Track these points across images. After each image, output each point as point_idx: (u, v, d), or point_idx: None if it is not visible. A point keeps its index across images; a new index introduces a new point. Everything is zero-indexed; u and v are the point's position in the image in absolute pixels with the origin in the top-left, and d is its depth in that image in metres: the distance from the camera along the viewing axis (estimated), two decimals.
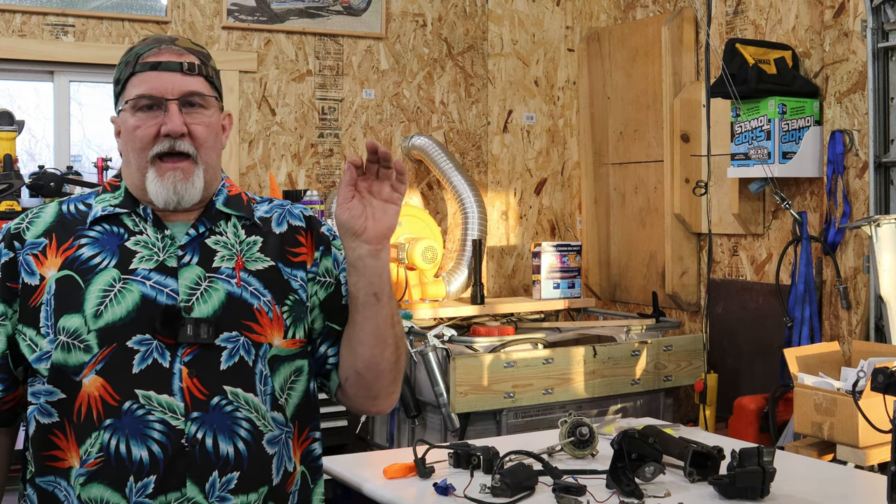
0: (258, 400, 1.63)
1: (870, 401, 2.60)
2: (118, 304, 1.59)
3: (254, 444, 1.62)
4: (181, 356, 1.59)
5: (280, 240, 1.73)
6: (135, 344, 1.58)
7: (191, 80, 1.65)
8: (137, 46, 1.69)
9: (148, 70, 1.64)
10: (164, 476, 1.55)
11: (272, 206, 1.78)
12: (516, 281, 5.43)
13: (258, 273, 1.68)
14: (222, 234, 1.69)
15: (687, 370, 4.37)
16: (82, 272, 1.61)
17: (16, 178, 3.93)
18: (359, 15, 5.04)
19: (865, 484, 2.36)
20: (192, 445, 1.57)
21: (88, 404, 1.57)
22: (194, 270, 1.64)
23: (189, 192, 1.65)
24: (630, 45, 5.14)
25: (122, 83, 1.67)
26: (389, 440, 4.19)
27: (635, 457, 2.13)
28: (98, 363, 1.57)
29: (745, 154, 4.17)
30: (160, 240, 1.65)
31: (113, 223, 1.67)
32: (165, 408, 1.57)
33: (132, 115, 1.64)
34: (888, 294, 3.62)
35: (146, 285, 1.61)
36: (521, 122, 5.44)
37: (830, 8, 4.03)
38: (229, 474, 1.59)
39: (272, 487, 1.64)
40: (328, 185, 4.98)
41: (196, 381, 1.59)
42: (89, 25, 4.49)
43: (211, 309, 1.62)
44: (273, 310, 1.66)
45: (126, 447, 1.55)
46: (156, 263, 1.63)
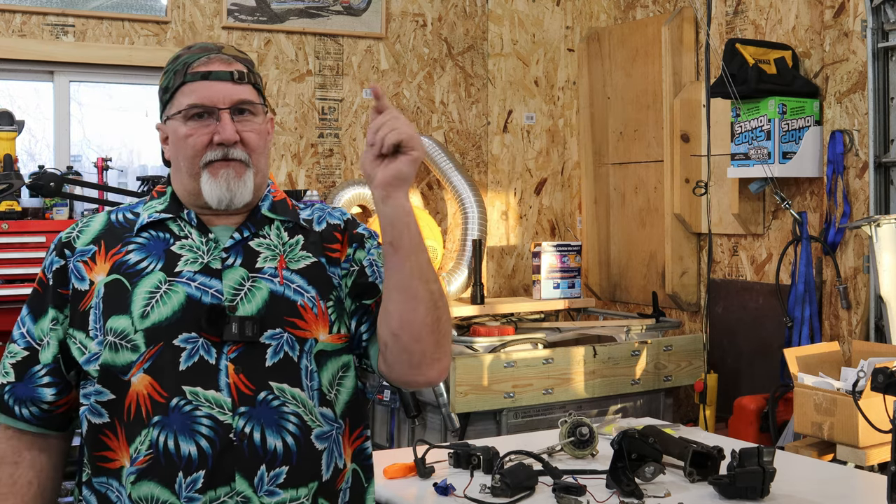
0: (305, 395, 1.65)
1: (870, 401, 2.60)
2: (164, 304, 1.62)
3: (302, 439, 1.63)
4: (227, 353, 1.62)
5: (320, 237, 1.76)
6: (181, 342, 1.61)
7: (240, 88, 1.69)
8: (185, 55, 1.72)
9: (199, 80, 1.67)
10: (212, 471, 1.57)
11: (313, 210, 1.82)
12: (516, 281, 5.43)
13: (301, 270, 1.71)
14: (266, 236, 1.73)
15: (687, 370, 4.37)
16: (129, 276, 1.65)
17: (16, 178, 3.93)
18: (359, 15, 5.04)
19: (865, 484, 2.36)
20: (240, 440, 1.59)
21: (137, 402, 1.60)
22: (238, 272, 1.67)
23: (241, 191, 1.68)
24: (630, 45, 5.14)
25: (170, 92, 1.70)
26: (389, 440, 4.19)
27: (635, 457, 2.13)
28: (145, 362, 1.60)
29: (745, 154, 4.17)
30: (204, 243, 1.69)
31: (159, 229, 1.71)
32: (213, 403, 1.59)
33: (183, 123, 1.67)
34: (888, 294, 3.62)
35: (191, 286, 1.64)
36: (521, 122, 5.44)
37: (830, 8, 4.03)
38: (278, 468, 1.61)
39: (322, 483, 1.65)
40: (328, 185, 4.98)
41: (242, 377, 1.61)
42: (89, 25, 4.49)
43: (255, 307, 1.64)
44: (318, 305, 1.69)
45: (175, 443, 1.57)
46: (200, 265, 1.66)
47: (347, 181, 4.95)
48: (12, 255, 3.90)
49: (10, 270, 3.88)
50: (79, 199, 3.87)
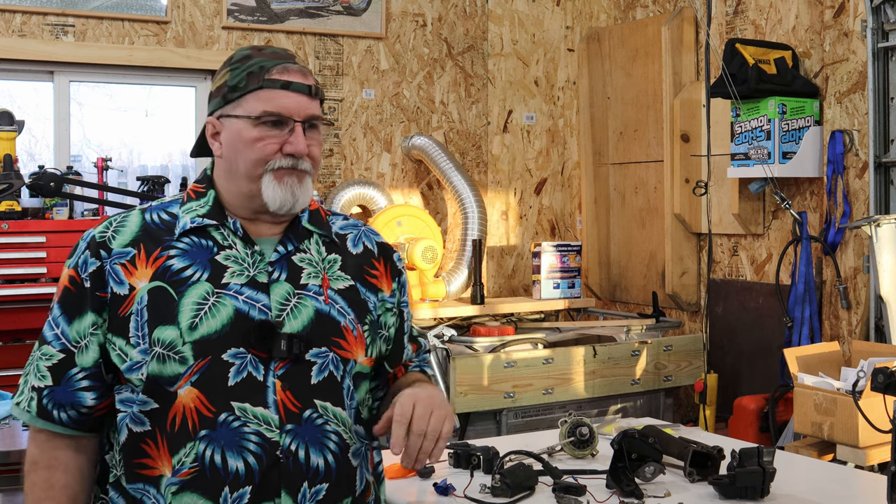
0: (345, 414, 1.68)
1: (870, 401, 2.60)
2: (213, 317, 1.62)
3: (341, 457, 1.66)
4: (274, 370, 1.62)
5: (357, 260, 1.79)
6: (230, 357, 1.61)
7: (313, 103, 1.71)
8: (259, 57, 1.71)
9: (278, 88, 1.67)
10: (259, 487, 1.58)
11: (347, 225, 1.84)
12: (516, 281, 5.43)
13: (341, 292, 1.73)
14: (306, 251, 1.74)
15: (687, 370, 4.37)
16: (174, 284, 1.63)
17: (16, 178, 3.93)
18: (359, 15, 5.04)
19: (865, 484, 2.36)
20: (287, 457, 1.60)
21: (184, 415, 1.59)
22: (284, 287, 1.67)
23: (303, 198, 1.70)
24: (630, 45, 5.14)
25: (241, 92, 1.69)
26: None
27: (635, 457, 2.13)
28: (193, 374, 1.60)
29: (745, 154, 4.17)
30: (250, 255, 1.69)
31: (201, 236, 1.69)
32: (261, 420, 1.60)
33: (254, 126, 1.67)
34: (888, 294, 3.62)
35: (239, 300, 1.64)
36: (521, 122, 5.44)
37: (830, 8, 4.03)
38: (319, 485, 1.63)
39: (355, 498, 1.70)
40: (328, 185, 4.98)
41: (289, 395, 1.62)
42: (89, 25, 4.49)
43: (301, 325, 1.66)
44: (357, 328, 1.72)
45: (222, 458, 1.58)
46: (247, 278, 1.66)
47: (347, 181, 4.95)
48: (12, 255, 3.90)
49: (10, 270, 3.88)
50: (79, 199, 3.87)
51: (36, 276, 3.92)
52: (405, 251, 4.62)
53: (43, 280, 3.92)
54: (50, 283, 3.89)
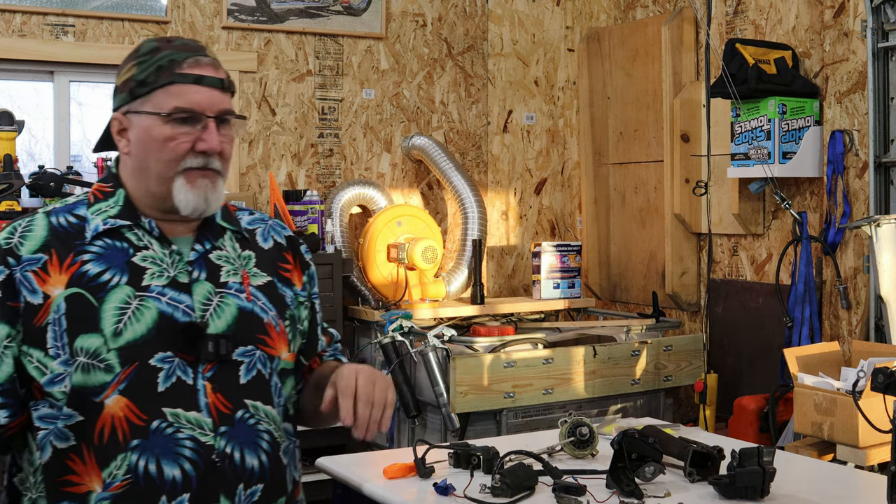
0: (275, 412, 1.66)
1: (870, 401, 2.60)
2: (137, 321, 1.57)
3: (273, 456, 1.64)
4: (202, 372, 1.59)
5: (269, 256, 1.76)
6: (157, 362, 1.57)
7: (226, 97, 1.66)
8: (168, 51, 1.64)
9: (190, 83, 1.61)
10: (197, 493, 1.55)
11: (254, 220, 1.80)
12: (516, 281, 5.43)
13: (261, 288, 1.70)
14: (222, 248, 1.70)
15: (687, 370, 4.37)
16: (93, 289, 1.57)
17: (16, 178, 3.93)
18: (359, 15, 5.04)
19: (865, 484, 2.36)
20: (223, 460, 1.57)
21: (112, 425, 1.53)
22: (205, 286, 1.64)
23: (216, 201, 1.66)
24: (630, 45, 5.14)
25: (150, 86, 1.62)
26: (389, 440, 4.19)
27: (635, 457, 2.13)
28: (121, 383, 1.54)
29: (745, 154, 4.17)
30: (168, 255, 1.64)
31: (115, 237, 1.63)
32: (194, 424, 1.56)
33: (164, 123, 1.60)
34: (888, 294, 3.62)
35: (162, 302, 1.59)
36: (521, 122, 5.44)
37: (830, 8, 4.03)
38: (254, 486, 1.61)
39: (288, 497, 1.67)
40: (328, 185, 4.98)
41: (220, 396, 1.59)
42: (89, 25, 4.49)
43: (225, 324, 1.63)
44: (279, 324, 1.70)
45: (157, 467, 1.53)
46: (168, 279, 1.61)
47: (347, 181, 4.95)
48: None
49: None
50: None
51: None
52: (405, 251, 4.62)
53: None
54: None
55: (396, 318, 4.14)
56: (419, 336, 4.04)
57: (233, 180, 4.73)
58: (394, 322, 4.12)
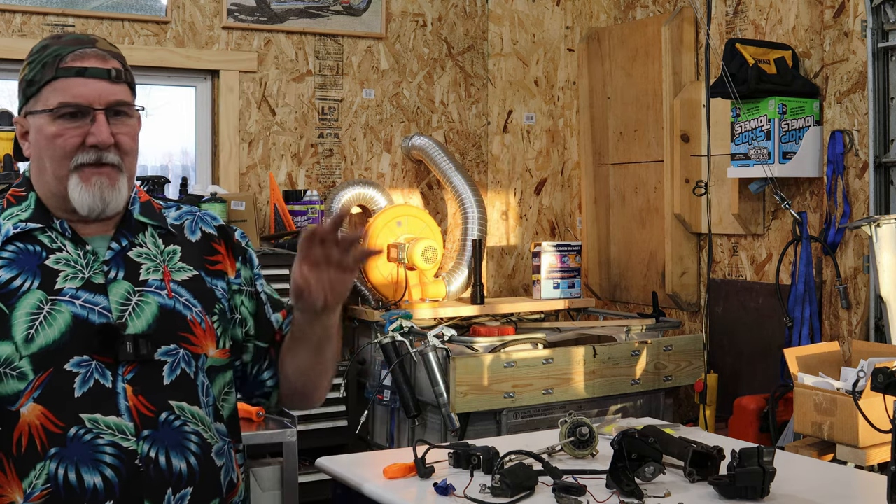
0: (203, 412, 1.61)
1: (870, 401, 2.60)
2: (49, 326, 1.52)
3: (203, 458, 1.59)
4: (122, 374, 1.54)
5: (197, 248, 1.70)
6: (73, 366, 1.52)
7: (117, 88, 1.59)
8: (55, 45, 1.61)
9: (73, 76, 1.57)
10: (120, 500, 1.50)
11: (182, 213, 1.75)
12: (516, 281, 5.43)
13: (184, 283, 1.65)
14: (142, 245, 1.65)
15: (687, 370, 4.37)
16: (4, 297, 1.53)
17: (15, 178, 3.93)
18: (359, 15, 5.04)
19: (865, 484, 2.36)
20: (146, 465, 1.52)
21: (29, 434, 1.49)
22: (122, 285, 1.59)
23: (115, 199, 1.59)
24: (630, 45, 5.14)
25: (37, 85, 1.60)
26: (389, 440, 4.19)
27: (635, 457, 2.13)
28: (35, 390, 1.50)
29: (745, 154, 4.17)
30: (82, 256, 1.59)
31: (27, 241, 1.58)
32: (115, 429, 1.51)
33: (52, 121, 1.57)
34: (888, 294, 3.62)
35: (76, 305, 1.54)
36: (521, 122, 5.44)
37: (830, 8, 4.03)
38: (183, 490, 1.56)
39: (222, 499, 1.63)
40: (328, 185, 4.98)
41: (142, 399, 1.54)
42: (89, 25, 4.49)
43: (145, 323, 1.58)
44: (205, 320, 1.64)
45: (77, 475, 1.49)
46: (82, 281, 1.56)
47: (347, 181, 4.95)
48: None
49: None
50: None
51: None
52: (405, 251, 4.62)
53: None
54: None
55: (396, 318, 4.14)
56: (419, 336, 4.04)
57: (233, 180, 4.73)
58: (394, 322, 4.12)
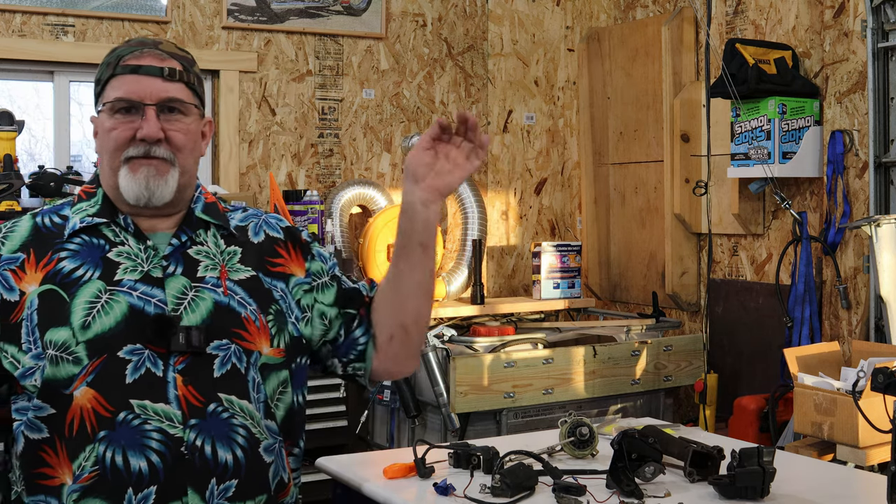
0: (252, 407, 1.63)
1: (870, 401, 2.61)
2: (106, 314, 1.57)
3: (251, 452, 1.61)
4: (174, 364, 1.58)
5: (258, 249, 1.74)
6: (126, 354, 1.56)
7: (171, 85, 1.65)
8: (120, 48, 1.68)
9: (128, 73, 1.63)
10: (164, 485, 1.54)
11: (247, 216, 1.79)
12: (516, 281, 5.43)
13: (241, 282, 1.68)
14: (203, 243, 1.69)
15: (687, 370, 4.37)
16: (66, 286, 1.59)
17: (16, 178, 3.93)
18: (359, 15, 5.04)
19: (865, 484, 2.36)
20: (192, 453, 1.56)
21: (81, 417, 1.54)
22: (180, 280, 1.63)
23: (161, 189, 1.64)
24: (630, 45, 5.14)
25: (101, 84, 1.67)
26: (389, 440, 4.19)
27: (635, 457, 2.13)
28: (89, 374, 1.55)
29: (745, 154, 4.17)
30: (143, 251, 1.64)
31: (92, 234, 1.65)
32: (162, 416, 1.55)
33: (109, 116, 1.64)
34: (888, 294, 3.62)
35: (133, 296, 1.59)
36: (521, 122, 5.44)
37: (830, 8, 4.03)
38: (228, 481, 1.58)
39: (270, 496, 1.64)
40: (328, 185, 4.98)
41: (191, 389, 1.58)
42: (89, 25, 4.49)
43: (199, 317, 1.62)
44: (259, 318, 1.67)
45: (123, 459, 1.53)
46: (140, 274, 1.62)
47: (347, 181, 4.95)
48: None
49: None
50: None
51: None
52: None
53: None
54: None
55: None
56: None
57: (233, 180, 4.73)
58: None
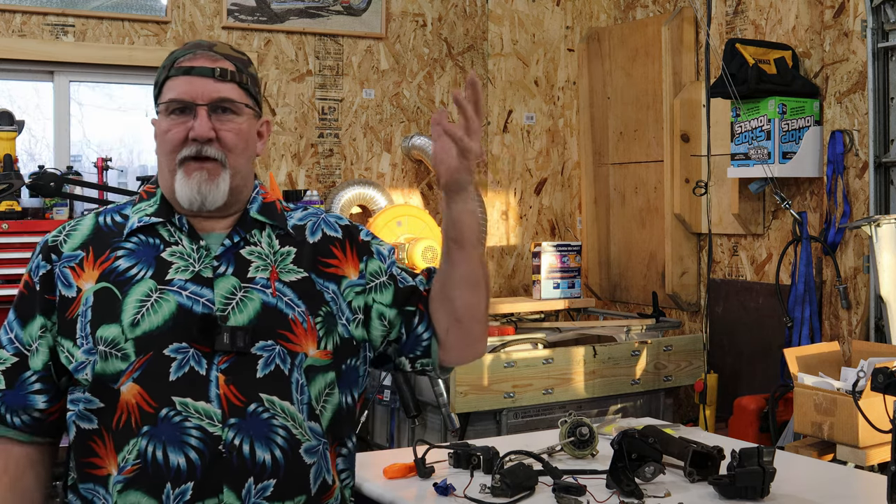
0: (294, 408, 1.65)
1: (870, 401, 2.61)
2: (155, 313, 1.61)
3: (290, 453, 1.63)
4: (217, 364, 1.61)
5: (313, 250, 1.75)
6: (171, 352, 1.60)
7: (223, 86, 1.67)
8: (177, 50, 1.72)
9: (181, 75, 1.66)
10: (201, 482, 1.57)
11: (306, 214, 1.80)
12: (516, 281, 5.43)
13: (292, 284, 1.70)
14: (256, 244, 1.71)
15: (687, 370, 4.37)
16: (119, 283, 1.63)
17: (16, 178, 3.93)
18: (359, 15, 5.04)
19: (865, 484, 2.36)
20: (230, 451, 1.58)
21: (126, 412, 1.59)
22: (229, 280, 1.66)
23: (213, 194, 1.66)
24: (630, 45, 5.14)
25: (158, 86, 1.70)
26: (389, 440, 4.19)
27: (635, 457, 2.13)
28: (135, 371, 1.59)
29: (745, 154, 4.17)
30: (195, 251, 1.68)
31: (149, 234, 1.69)
32: (202, 414, 1.58)
33: (165, 118, 1.67)
34: (888, 294, 3.62)
35: (182, 295, 1.63)
36: (521, 122, 5.44)
37: (830, 8, 4.03)
38: (266, 481, 1.60)
39: (310, 498, 1.65)
40: (328, 184, 4.98)
41: (233, 388, 1.60)
42: (89, 25, 4.49)
43: (246, 318, 1.64)
44: (307, 320, 1.68)
45: (163, 454, 1.57)
46: (191, 274, 1.65)
47: (347, 181, 4.95)
48: (12, 255, 3.90)
49: (10, 270, 3.88)
50: (79, 199, 3.86)
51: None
52: (405, 251, 4.62)
53: None
54: None
55: None
56: None
57: None
58: None
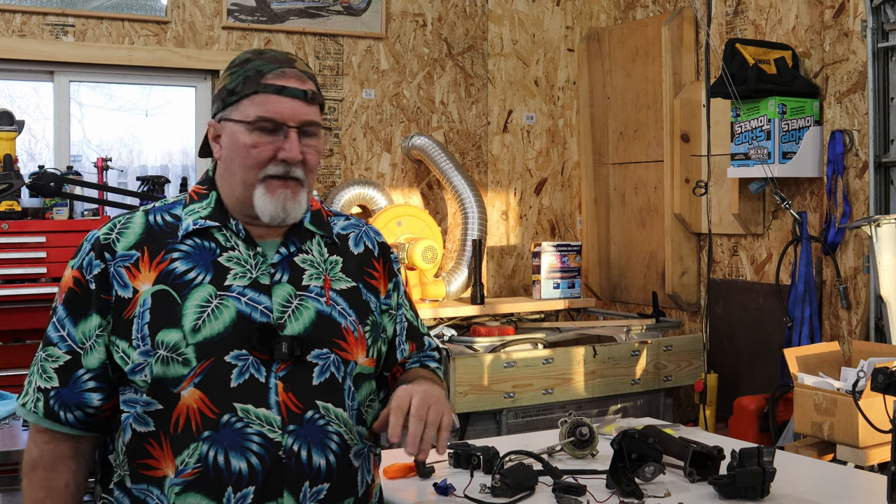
0: (346, 415, 1.70)
1: (870, 401, 2.60)
2: (215, 319, 1.63)
3: (342, 457, 1.68)
4: (276, 371, 1.64)
5: (358, 261, 1.80)
6: (232, 359, 1.62)
7: (310, 108, 1.70)
8: (257, 61, 1.70)
9: (272, 93, 1.67)
10: (262, 487, 1.60)
11: (349, 224, 1.85)
12: (516, 281, 5.43)
13: (342, 293, 1.74)
14: (308, 251, 1.75)
15: (687, 370, 4.37)
16: (178, 287, 1.64)
17: (16, 178, 3.93)
18: (359, 15, 5.04)
19: (865, 484, 2.36)
20: (289, 457, 1.61)
21: (187, 416, 1.61)
22: (286, 288, 1.69)
23: (295, 211, 1.70)
24: (630, 45, 5.14)
25: (238, 96, 1.69)
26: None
27: (635, 457, 2.13)
28: (196, 376, 1.61)
29: (745, 154, 4.17)
30: (252, 257, 1.70)
31: (204, 237, 1.70)
32: (263, 421, 1.61)
33: (249, 132, 1.67)
34: (888, 294, 3.62)
35: (241, 302, 1.65)
36: (521, 122, 5.44)
37: (830, 8, 4.03)
38: (320, 485, 1.65)
39: (357, 499, 1.71)
40: (328, 185, 4.98)
41: (291, 396, 1.64)
42: (89, 25, 4.49)
43: (302, 326, 1.67)
44: (357, 329, 1.74)
45: (225, 459, 1.59)
46: (249, 280, 1.67)
47: (347, 181, 4.95)
48: (12, 255, 3.90)
49: (11, 270, 3.88)
50: (79, 199, 3.86)
51: (36, 276, 3.92)
52: (405, 251, 4.62)
53: (43, 280, 3.92)
54: (50, 283, 3.89)
55: None
56: None
57: None
58: None
